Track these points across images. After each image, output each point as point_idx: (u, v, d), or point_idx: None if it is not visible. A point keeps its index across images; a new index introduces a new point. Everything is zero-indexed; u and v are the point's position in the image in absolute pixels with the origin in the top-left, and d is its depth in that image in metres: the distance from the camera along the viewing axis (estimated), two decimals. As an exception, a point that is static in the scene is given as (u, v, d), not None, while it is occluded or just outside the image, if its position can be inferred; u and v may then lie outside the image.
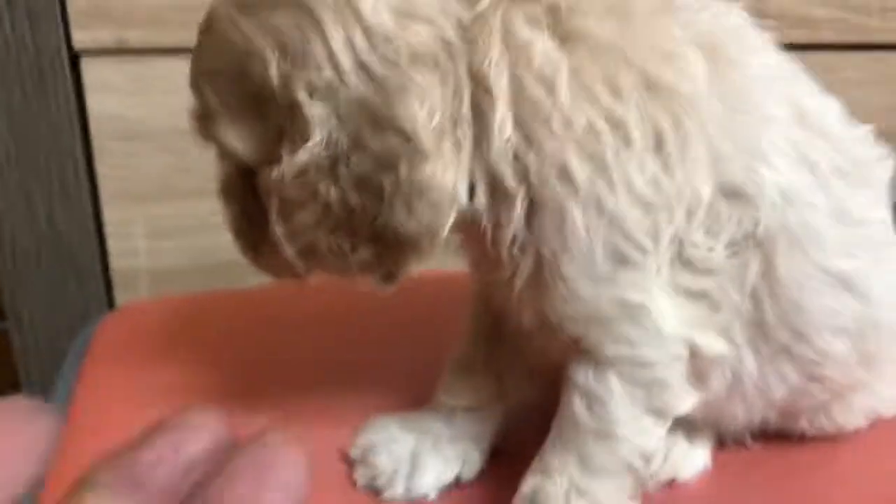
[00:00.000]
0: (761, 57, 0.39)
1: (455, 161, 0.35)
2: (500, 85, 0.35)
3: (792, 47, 0.72)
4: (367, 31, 0.34)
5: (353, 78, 0.33)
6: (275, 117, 0.35)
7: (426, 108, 0.33)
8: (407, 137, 0.33)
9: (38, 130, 0.66)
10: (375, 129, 0.34)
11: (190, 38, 0.64)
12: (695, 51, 0.36)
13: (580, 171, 0.35)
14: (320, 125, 0.34)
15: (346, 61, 0.34)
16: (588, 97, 0.35)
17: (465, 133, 0.35)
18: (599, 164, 0.35)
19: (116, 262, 0.72)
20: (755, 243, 0.38)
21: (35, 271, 0.70)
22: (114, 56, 0.65)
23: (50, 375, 0.73)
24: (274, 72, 0.34)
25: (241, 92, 0.36)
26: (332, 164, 0.34)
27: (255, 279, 0.74)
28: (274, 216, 0.37)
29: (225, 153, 0.39)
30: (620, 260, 0.36)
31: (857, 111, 0.75)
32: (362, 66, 0.34)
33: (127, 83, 0.66)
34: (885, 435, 0.49)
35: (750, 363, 0.41)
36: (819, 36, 0.72)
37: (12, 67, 0.64)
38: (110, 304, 0.73)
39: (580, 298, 0.37)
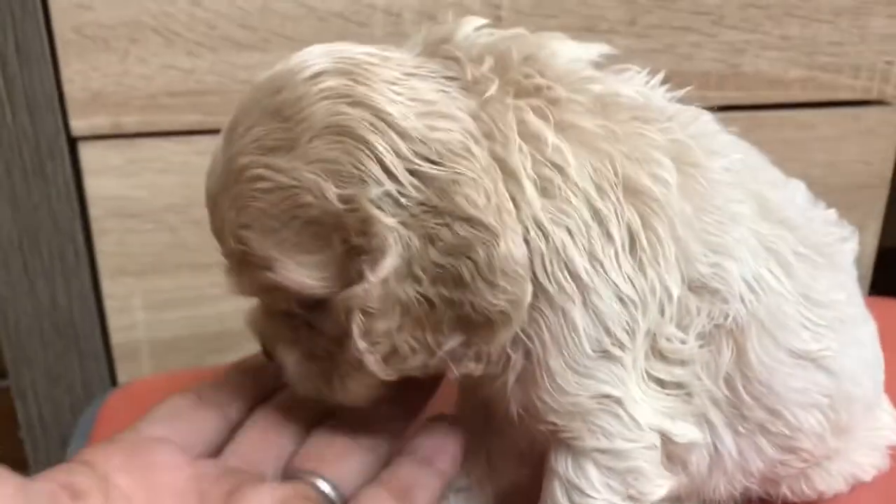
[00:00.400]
0: (726, 158, 0.41)
1: (517, 229, 0.36)
2: (526, 170, 0.36)
3: (767, 107, 0.75)
4: (405, 138, 0.35)
5: (408, 184, 0.35)
6: (340, 241, 0.36)
7: (481, 192, 0.35)
8: (475, 223, 0.35)
9: (40, 214, 0.68)
10: (443, 224, 0.35)
11: (181, 120, 0.67)
12: (666, 156, 0.38)
13: (581, 265, 0.37)
14: (393, 234, 0.35)
15: (398, 170, 0.35)
16: (579, 191, 0.37)
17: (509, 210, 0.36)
18: (593, 260, 0.37)
19: (117, 336, 0.74)
20: (726, 333, 0.40)
21: (39, 348, 0.72)
22: (110, 140, 0.67)
23: (56, 450, 0.75)
24: (333, 198, 0.35)
25: (297, 229, 0.36)
26: (409, 267, 0.35)
27: (252, 347, 0.76)
28: (358, 333, 0.36)
29: (288, 295, 0.38)
30: (602, 355, 0.38)
31: (834, 165, 0.78)
32: (413, 172, 0.35)
33: (123, 165, 0.68)
34: (865, 497, 0.51)
35: (729, 441, 0.43)
36: (792, 95, 0.74)
37: (14, 155, 0.66)
38: (112, 375, 0.75)
39: (564, 392, 0.38)
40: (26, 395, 0.73)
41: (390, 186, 0.35)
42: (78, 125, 0.66)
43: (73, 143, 0.67)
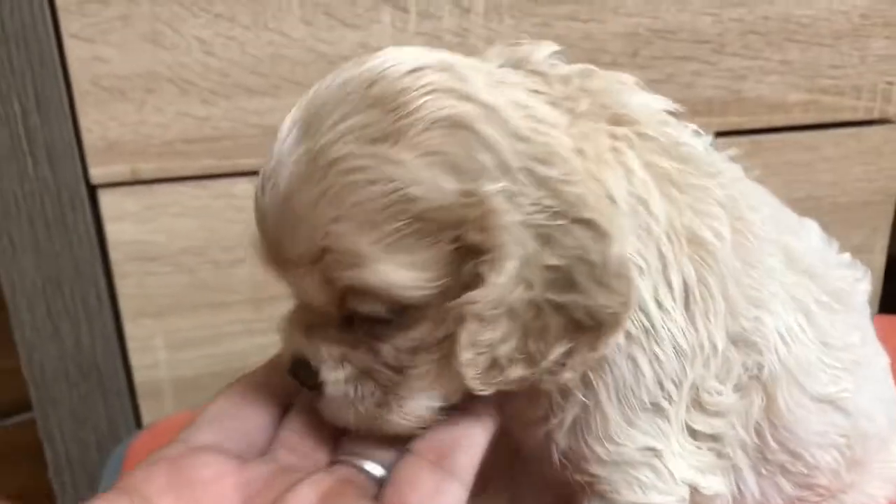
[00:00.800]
0: (763, 212, 0.42)
1: (626, 231, 0.36)
2: (619, 192, 0.36)
3: (770, 131, 0.76)
4: (517, 136, 0.34)
5: (524, 182, 0.34)
6: (450, 239, 0.34)
7: (591, 195, 0.34)
8: (590, 225, 0.34)
9: (62, 260, 0.70)
10: (558, 226, 0.34)
11: (197, 166, 0.69)
12: (723, 211, 0.39)
13: (652, 308, 0.37)
14: (514, 233, 0.33)
15: (514, 167, 0.34)
16: (654, 229, 0.37)
17: None
18: (659, 305, 0.37)
19: (140, 375, 0.75)
20: (758, 383, 0.41)
21: (64, 389, 0.74)
22: (128, 187, 0.69)
23: (84, 488, 0.76)
24: (451, 191, 0.33)
25: (400, 224, 0.33)
26: (523, 270, 0.34)
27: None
28: (467, 342, 0.34)
29: (371, 299, 0.35)
30: (653, 406, 0.39)
31: (840, 184, 0.78)
32: (526, 170, 0.34)
33: (141, 211, 0.70)
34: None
35: (752, 483, 0.44)
36: (795, 118, 0.75)
37: (36, 205, 0.68)
38: (136, 414, 0.77)
39: (614, 441, 0.39)
40: (53, 436, 0.75)
41: (507, 184, 0.33)
42: (97, 173, 0.68)
43: (92, 190, 0.69)
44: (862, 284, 0.47)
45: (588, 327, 0.35)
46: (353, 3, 0.66)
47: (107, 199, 0.70)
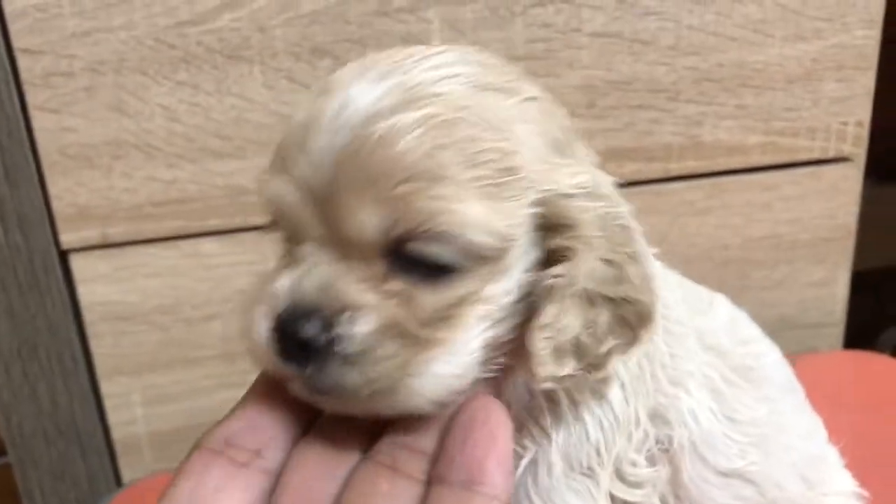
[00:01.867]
0: (676, 294, 0.44)
1: None
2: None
3: (729, 173, 0.78)
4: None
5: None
6: (532, 203, 0.34)
7: None
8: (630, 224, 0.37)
9: (37, 323, 0.71)
10: (615, 221, 0.36)
11: (165, 227, 0.71)
12: None
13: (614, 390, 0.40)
14: (595, 223, 0.35)
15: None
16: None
17: None
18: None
19: (118, 432, 0.77)
20: (666, 455, 0.43)
21: (43, 448, 0.75)
22: (99, 250, 0.71)
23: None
24: (554, 162, 0.35)
25: (494, 172, 0.33)
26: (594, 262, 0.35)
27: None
28: (552, 316, 0.34)
29: (451, 237, 0.33)
30: (588, 471, 0.41)
31: (800, 222, 0.80)
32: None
33: (112, 272, 0.71)
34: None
35: None
36: (753, 160, 0.77)
37: (9, 272, 0.69)
38: (115, 469, 0.78)
39: (552, 501, 0.40)
40: (34, 495, 0.76)
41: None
42: (67, 239, 0.70)
43: (63, 255, 0.71)
44: (769, 357, 0.49)
45: (631, 324, 0.36)
46: (313, 67, 0.68)
47: (78, 263, 0.71)
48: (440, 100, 0.34)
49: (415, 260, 0.33)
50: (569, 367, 0.35)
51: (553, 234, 0.35)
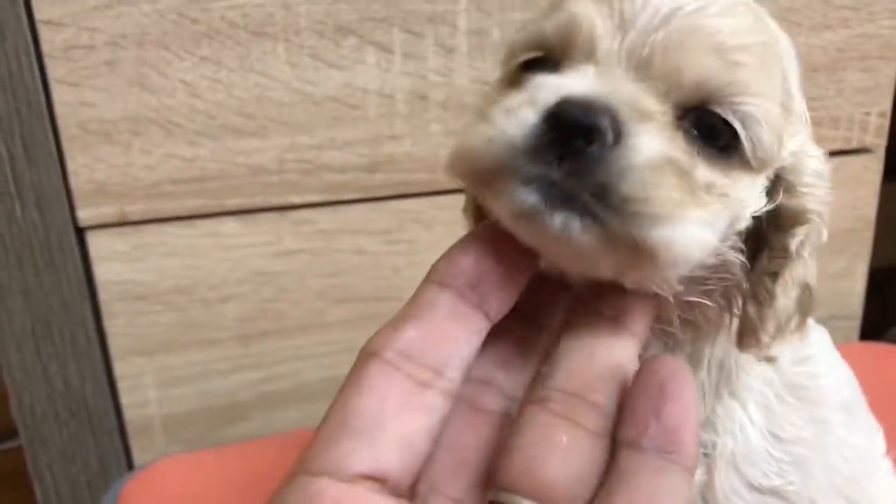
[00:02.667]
0: None
1: None
2: None
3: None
4: None
5: None
6: (787, 147, 0.36)
7: None
8: None
9: (51, 301, 0.70)
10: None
11: (184, 206, 0.70)
12: None
13: None
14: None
15: None
16: None
17: None
18: None
19: (130, 413, 0.76)
20: (705, 460, 0.42)
21: (54, 429, 0.74)
22: (116, 228, 0.70)
23: (74, 528, 0.76)
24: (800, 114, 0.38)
25: (786, 100, 0.36)
26: None
27: (260, 415, 0.78)
28: (798, 278, 0.36)
29: (747, 121, 0.33)
30: None
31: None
32: None
33: (129, 251, 0.70)
34: None
35: None
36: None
37: (25, 248, 0.68)
38: (126, 451, 0.77)
39: None
40: (44, 476, 0.75)
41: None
42: (85, 216, 0.69)
43: (80, 232, 0.70)
44: (827, 378, 0.47)
45: (805, 310, 0.37)
46: (337, 45, 0.67)
47: (95, 241, 0.70)
48: (764, 15, 0.37)
49: (702, 124, 0.33)
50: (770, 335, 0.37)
51: (789, 195, 0.36)
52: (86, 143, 0.67)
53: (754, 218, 0.36)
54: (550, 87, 0.31)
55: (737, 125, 0.33)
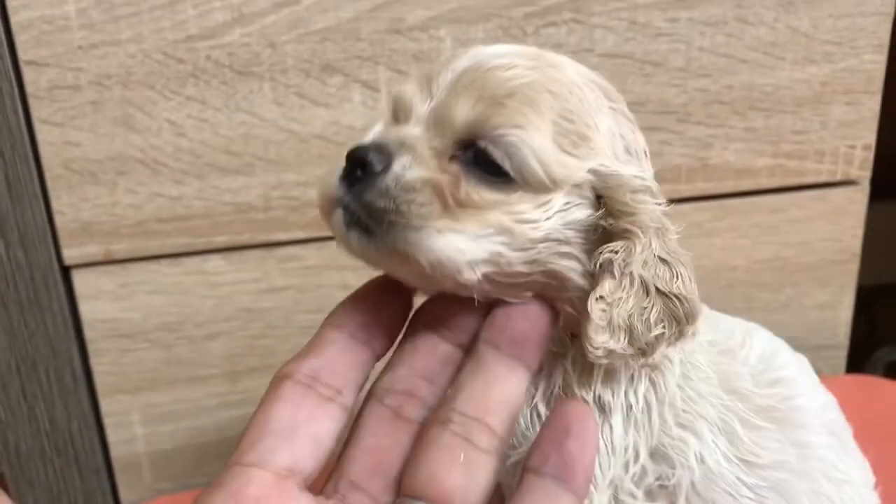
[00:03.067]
0: (702, 338, 0.45)
1: None
2: None
3: (737, 195, 0.77)
4: None
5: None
6: (583, 167, 0.40)
7: None
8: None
9: (36, 341, 0.70)
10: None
11: (170, 244, 0.70)
12: None
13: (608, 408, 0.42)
14: (650, 216, 0.39)
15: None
16: None
17: None
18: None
19: (117, 451, 0.75)
20: (665, 492, 0.43)
21: (40, 468, 0.74)
22: (102, 266, 0.69)
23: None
24: (621, 149, 0.41)
25: (570, 127, 0.39)
26: (648, 251, 0.39)
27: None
28: (611, 289, 0.38)
29: (517, 156, 0.38)
30: None
31: (806, 244, 0.80)
32: None
33: (115, 289, 0.70)
34: None
35: None
36: (761, 183, 0.77)
37: (9, 288, 0.68)
38: (113, 489, 0.76)
39: None
40: (29, 516, 0.75)
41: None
42: (70, 254, 0.69)
43: (66, 271, 0.69)
44: (802, 399, 0.47)
45: (680, 319, 0.39)
46: (323, 83, 0.67)
47: (80, 279, 0.70)
48: (556, 67, 0.40)
49: (478, 156, 0.39)
50: (620, 344, 0.38)
51: (610, 216, 0.39)
52: (71, 182, 0.67)
53: (584, 233, 0.39)
54: (358, 138, 0.41)
55: (495, 153, 0.38)
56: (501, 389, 0.38)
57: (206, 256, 0.71)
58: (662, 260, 0.39)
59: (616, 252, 0.38)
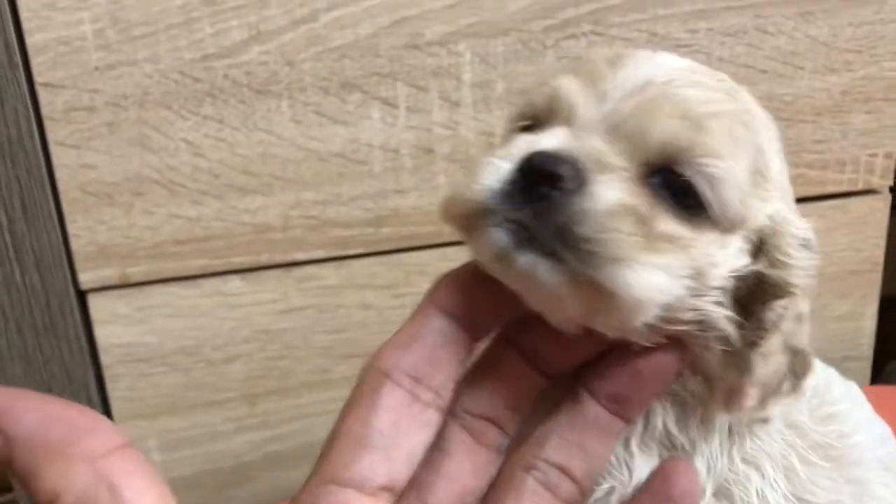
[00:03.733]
0: None
1: None
2: None
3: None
4: None
5: None
6: (760, 212, 0.37)
7: None
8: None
9: (52, 367, 0.69)
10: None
11: (188, 266, 0.68)
12: None
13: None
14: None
15: None
16: None
17: None
18: None
19: (133, 478, 0.74)
20: None
21: None
22: (118, 290, 0.68)
23: None
24: (780, 184, 0.38)
25: (758, 165, 0.37)
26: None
27: (267, 476, 0.76)
28: (787, 334, 0.36)
29: (708, 185, 0.35)
30: None
31: (827, 255, 0.79)
32: None
33: (132, 313, 0.69)
34: None
35: None
36: (781, 193, 0.76)
37: (25, 314, 0.67)
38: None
39: None
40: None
41: None
42: (86, 278, 0.67)
43: (81, 295, 0.68)
44: (857, 437, 0.46)
45: (798, 374, 0.38)
46: (342, 101, 0.66)
47: (96, 303, 0.68)
48: (742, 95, 0.38)
49: (670, 184, 0.35)
50: (755, 400, 0.37)
51: (771, 265, 0.36)
52: (87, 205, 0.66)
53: (740, 280, 0.36)
54: (526, 144, 0.35)
55: (700, 184, 0.35)
56: (596, 444, 0.36)
57: (224, 278, 0.70)
58: (799, 315, 0.37)
59: (786, 309, 0.36)
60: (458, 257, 0.75)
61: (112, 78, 0.63)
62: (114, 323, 0.69)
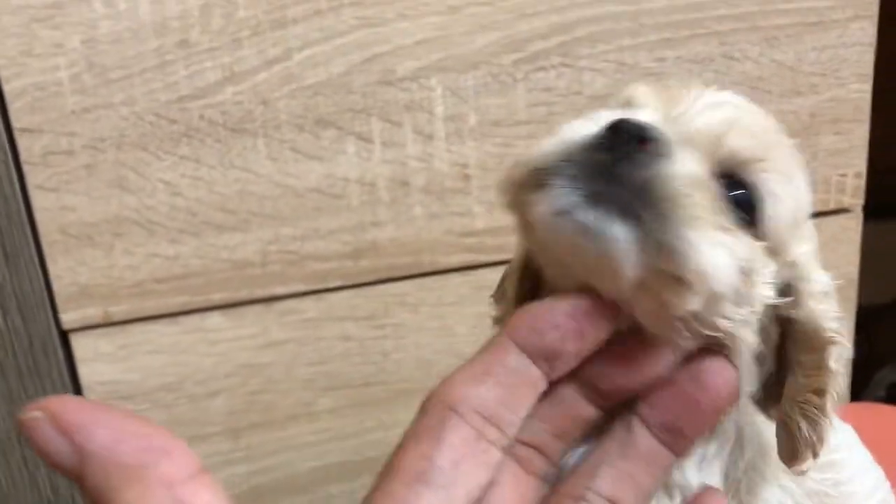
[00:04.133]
0: None
1: None
2: None
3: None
4: None
5: None
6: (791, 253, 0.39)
7: None
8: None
9: (35, 407, 0.69)
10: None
11: (168, 304, 0.69)
12: None
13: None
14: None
15: None
16: None
17: None
18: None
19: (120, 514, 0.74)
20: None
21: (42, 536, 0.73)
22: (100, 329, 0.69)
23: None
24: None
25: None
26: None
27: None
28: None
29: (764, 190, 0.37)
30: None
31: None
32: None
33: (114, 351, 0.70)
34: None
35: None
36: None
37: (7, 356, 0.67)
38: (117, 554, 0.75)
39: None
40: (33, 586, 0.73)
41: None
42: (68, 319, 0.68)
43: (64, 335, 0.69)
44: (849, 486, 0.47)
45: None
46: (317, 137, 0.67)
47: (79, 343, 0.69)
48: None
49: (735, 189, 0.36)
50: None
51: (797, 304, 0.38)
52: (67, 246, 0.66)
53: (766, 317, 0.37)
54: (612, 114, 0.35)
55: (761, 193, 0.36)
56: (645, 476, 0.35)
57: (204, 314, 0.70)
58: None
59: (839, 354, 0.38)
60: (436, 286, 0.77)
61: (89, 121, 0.64)
62: (97, 361, 0.70)
